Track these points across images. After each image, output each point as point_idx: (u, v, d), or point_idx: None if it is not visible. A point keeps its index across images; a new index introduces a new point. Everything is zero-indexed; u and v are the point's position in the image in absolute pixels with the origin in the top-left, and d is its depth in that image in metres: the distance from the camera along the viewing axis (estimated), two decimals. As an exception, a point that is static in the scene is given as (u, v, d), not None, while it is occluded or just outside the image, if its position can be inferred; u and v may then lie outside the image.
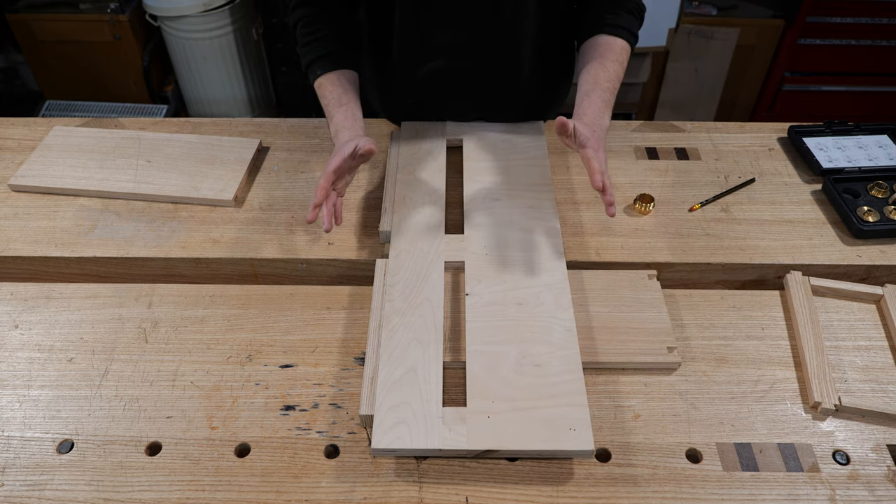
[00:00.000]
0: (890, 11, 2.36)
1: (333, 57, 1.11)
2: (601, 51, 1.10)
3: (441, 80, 1.18)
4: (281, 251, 1.07)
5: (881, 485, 0.80)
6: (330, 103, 1.10)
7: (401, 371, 0.85)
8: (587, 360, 0.90)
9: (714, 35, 2.49)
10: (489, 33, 1.12)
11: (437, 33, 1.12)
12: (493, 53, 1.15)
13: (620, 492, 0.79)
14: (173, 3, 2.39)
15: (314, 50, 1.11)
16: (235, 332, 0.96)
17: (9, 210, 1.14)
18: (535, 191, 1.13)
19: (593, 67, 1.09)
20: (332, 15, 1.13)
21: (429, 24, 1.11)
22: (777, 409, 0.88)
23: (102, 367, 0.92)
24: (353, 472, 0.80)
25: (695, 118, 2.75)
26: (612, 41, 1.11)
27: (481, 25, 1.11)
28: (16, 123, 1.34)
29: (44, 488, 0.79)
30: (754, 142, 1.30)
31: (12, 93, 2.81)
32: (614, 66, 1.09)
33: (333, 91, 1.10)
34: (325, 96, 1.11)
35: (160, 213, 1.14)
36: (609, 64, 1.09)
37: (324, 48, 1.11)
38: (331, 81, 1.10)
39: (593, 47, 1.12)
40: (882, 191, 1.15)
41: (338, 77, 1.11)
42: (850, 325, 0.98)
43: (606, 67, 1.08)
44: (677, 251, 1.07)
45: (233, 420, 0.86)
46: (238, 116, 2.61)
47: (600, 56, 1.09)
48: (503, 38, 1.13)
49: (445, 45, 1.13)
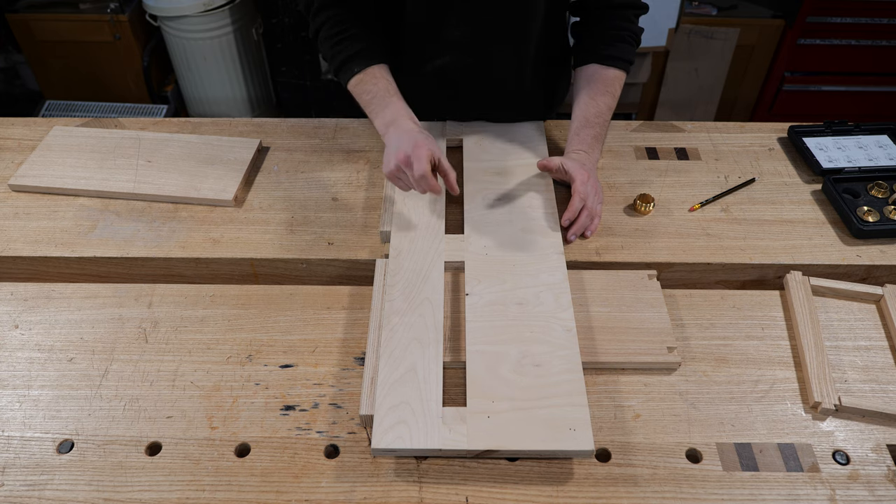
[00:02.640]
0: (890, 11, 2.36)
1: (369, 52, 1.09)
2: (594, 83, 1.14)
3: (446, 76, 1.19)
4: (281, 251, 1.07)
5: (881, 485, 0.80)
6: (379, 94, 1.07)
7: (401, 371, 0.85)
8: (587, 360, 0.90)
9: (714, 35, 2.49)
10: (497, 33, 1.13)
11: (446, 31, 1.12)
12: (499, 53, 1.16)
13: (620, 492, 0.79)
14: (173, 3, 2.39)
15: (348, 47, 1.08)
16: (235, 332, 0.96)
17: (9, 210, 1.14)
18: (535, 191, 1.13)
19: (584, 103, 1.14)
20: (359, 14, 1.11)
21: (439, 22, 1.12)
22: (777, 409, 0.88)
23: (102, 367, 0.92)
24: (353, 472, 0.80)
25: (695, 118, 2.75)
26: (605, 72, 1.14)
27: (490, 25, 1.11)
28: (16, 123, 1.34)
29: (44, 488, 0.79)
30: (754, 142, 1.30)
31: (12, 93, 2.81)
32: (605, 100, 1.14)
33: (379, 83, 1.07)
34: (369, 90, 1.08)
35: (160, 213, 1.14)
36: (599, 98, 1.14)
37: (358, 44, 1.08)
38: (373, 75, 1.08)
39: (586, 78, 1.15)
40: (882, 191, 1.15)
41: (379, 70, 1.09)
42: (850, 325, 0.98)
43: (597, 102, 1.13)
44: (677, 251, 1.07)
45: (233, 420, 0.86)
46: (238, 116, 2.61)
47: (592, 90, 1.14)
48: (510, 39, 1.14)
49: (453, 43, 1.14)
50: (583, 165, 1.09)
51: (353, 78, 1.08)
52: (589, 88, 1.14)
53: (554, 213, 1.08)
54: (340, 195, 1.18)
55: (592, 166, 1.12)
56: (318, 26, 1.11)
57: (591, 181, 1.08)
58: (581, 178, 1.06)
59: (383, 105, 1.06)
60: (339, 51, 1.09)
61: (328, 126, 1.33)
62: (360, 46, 1.08)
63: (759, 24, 2.48)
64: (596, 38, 1.15)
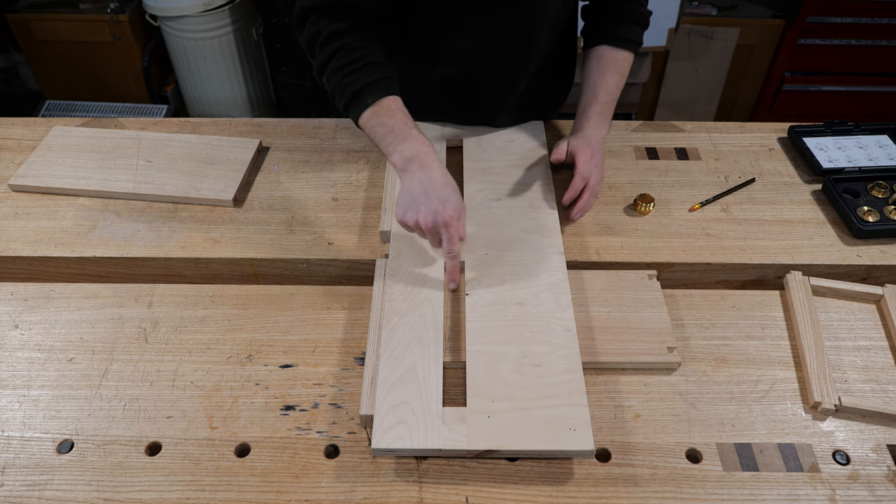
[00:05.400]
0: (890, 11, 2.36)
1: (384, 83, 0.99)
2: (603, 63, 1.17)
3: (450, 84, 1.18)
4: (281, 251, 1.07)
5: (881, 485, 0.80)
6: (396, 127, 0.97)
7: (401, 371, 0.85)
8: (587, 360, 0.90)
9: (714, 35, 2.49)
10: (504, 45, 1.12)
11: (453, 42, 1.12)
12: (505, 63, 1.15)
13: (620, 492, 0.79)
14: (173, 3, 2.39)
15: (361, 78, 0.98)
16: (235, 332, 0.96)
17: (9, 210, 1.14)
18: (535, 191, 1.13)
19: (593, 82, 1.16)
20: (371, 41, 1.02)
21: (446, 33, 1.11)
22: (777, 409, 0.87)
23: (102, 367, 0.92)
24: (353, 472, 0.80)
25: (695, 118, 2.75)
26: (614, 53, 1.17)
27: (497, 38, 1.11)
28: (16, 123, 1.34)
29: (44, 488, 0.79)
30: (754, 142, 1.30)
31: (12, 93, 2.81)
32: (614, 78, 1.16)
33: (396, 115, 0.98)
34: (385, 123, 0.98)
35: (160, 213, 1.14)
36: (609, 76, 1.16)
37: (372, 75, 0.99)
38: (389, 107, 0.98)
39: (596, 59, 1.18)
40: (882, 191, 1.15)
41: (395, 102, 0.99)
42: (850, 325, 0.98)
43: (606, 80, 1.16)
44: (677, 251, 1.07)
45: (233, 420, 0.86)
46: (238, 116, 2.61)
47: (601, 69, 1.16)
48: (516, 50, 1.14)
49: (459, 53, 1.14)
50: (588, 144, 1.12)
51: (366, 110, 0.98)
52: (599, 69, 1.16)
53: (554, 213, 1.08)
54: (340, 195, 1.18)
55: (598, 143, 1.13)
56: (325, 58, 1.01)
57: (595, 160, 1.10)
58: (584, 158, 1.09)
59: (402, 138, 0.96)
60: (350, 82, 0.99)
61: (328, 126, 1.33)
62: (374, 77, 0.98)
63: (759, 24, 2.48)
64: (606, 21, 1.18)
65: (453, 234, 0.91)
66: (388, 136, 0.97)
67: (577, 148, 1.11)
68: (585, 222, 1.12)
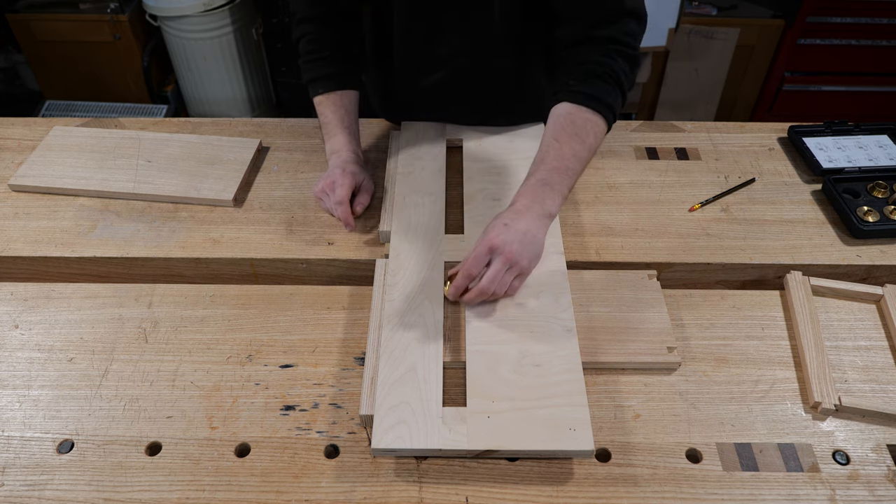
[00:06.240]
0: (890, 11, 2.36)
1: (336, 77, 1.14)
2: (560, 122, 0.95)
3: (444, 89, 1.18)
4: (281, 251, 1.07)
5: (881, 485, 0.80)
6: (331, 122, 1.14)
7: (401, 371, 0.85)
8: (587, 360, 0.90)
9: (714, 35, 2.49)
10: (487, 43, 1.11)
11: (435, 46, 1.12)
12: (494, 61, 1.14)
13: (620, 492, 0.79)
14: (173, 3, 2.39)
15: (316, 68, 1.13)
16: (235, 332, 0.96)
17: (9, 210, 1.14)
18: (535, 191, 1.12)
19: (544, 143, 0.95)
20: (337, 30, 1.13)
21: (425, 37, 1.11)
22: (777, 409, 0.88)
23: (102, 367, 0.92)
24: (353, 472, 0.80)
25: (695, 118, 2.75)
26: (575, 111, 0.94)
27: (477, 35, 1.10)
28: (16, 123, 1.34)
29: (44, 488, 0.79)
30: (754, 142, 1.30)
31: (12, 93, 2.81)
32: (571, 143, 0.92)
33: (336, 112, 1.13)
34: (325, 114, 1.14)
35: (160, 213, 1.14)
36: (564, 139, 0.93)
37: (327, 67, 1.13)
38: (333, 102, 1.13)
39: (553, 117, 0.96)
40: (882, 191, 1.15)
41: (340, 98, 1.14)
42: (850, 325, 0.98)
43: (560, 143, 0.93)
44: (677, 251, 1.07)
45: (233, 420, 0.86)
46: (238, 116, 2.61)
47: (555, 129, 0.95)
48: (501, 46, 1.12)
49: (446, 57, 1.13)
50: (502, 230, 0.88)
51: (314, 98, 1.14)
52: (553, 129, 0.95)
53: (554, 213, 1.08)
54: (340, 195, 1.18)
55: (527, 224, 0.88)
56: (296, 38, 1.15)
57: (504, 249, 0.87)
58: (479, 249, 0.88)
59: (331, 134, 1.13)
60: (308, 69, 1.14)
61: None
62: (328, 70, 1.13)
63: (759, 24, 2.48)
64: (571, 69, 0.97)
65: (345, 183, 1.07)
66: (324, 128, 1.15)
67: (479, 240, 0.89)
68: (585, 222, 1.12)
